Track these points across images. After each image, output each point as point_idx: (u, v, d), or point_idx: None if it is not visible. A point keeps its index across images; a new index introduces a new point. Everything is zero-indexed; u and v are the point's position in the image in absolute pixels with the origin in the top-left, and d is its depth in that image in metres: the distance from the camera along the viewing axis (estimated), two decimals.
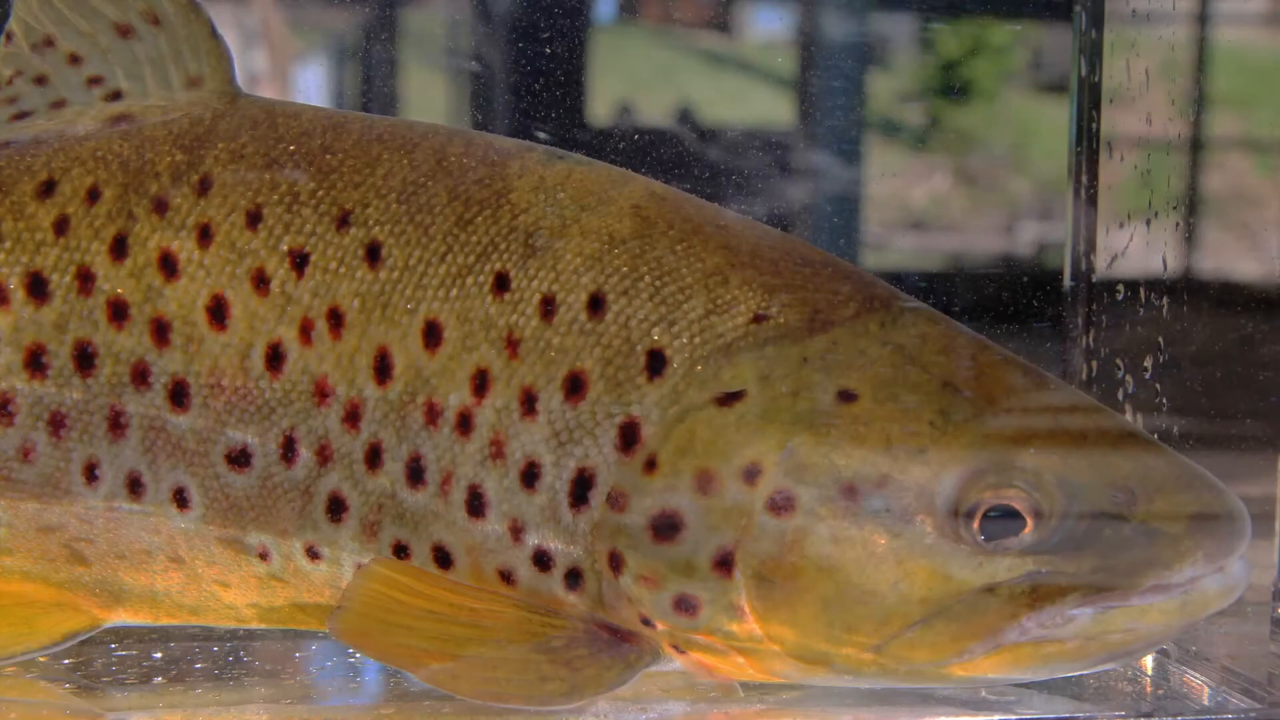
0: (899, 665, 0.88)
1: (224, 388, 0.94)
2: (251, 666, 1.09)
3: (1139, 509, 0.86)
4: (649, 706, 0.96)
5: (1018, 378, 0.91)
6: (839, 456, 0.87)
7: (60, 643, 1.01)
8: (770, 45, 1.45)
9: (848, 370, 0.89)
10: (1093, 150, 1.31)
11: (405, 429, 0.93)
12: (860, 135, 1.43)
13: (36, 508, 0.97)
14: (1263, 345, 1.15)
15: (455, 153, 0.98)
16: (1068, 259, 1.34)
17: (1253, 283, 1.20)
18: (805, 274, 0.93)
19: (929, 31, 1.41)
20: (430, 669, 0.90)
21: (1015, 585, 0.85)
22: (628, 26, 1.42)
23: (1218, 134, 1.26)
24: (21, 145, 1.01)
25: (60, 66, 1.01)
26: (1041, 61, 1.46)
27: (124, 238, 0.96)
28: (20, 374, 0.96)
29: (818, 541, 0.86)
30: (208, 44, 1.01)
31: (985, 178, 1.46)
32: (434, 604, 0.91)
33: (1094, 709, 1.02)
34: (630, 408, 0.90)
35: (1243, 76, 1.24)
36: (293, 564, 0.96)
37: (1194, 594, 0.86)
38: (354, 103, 1.37)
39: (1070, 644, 0.86)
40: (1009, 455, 0.87)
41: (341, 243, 0.95)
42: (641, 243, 0.94)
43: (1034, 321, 1.37)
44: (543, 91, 1.33)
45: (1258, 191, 1.25)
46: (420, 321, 0.93)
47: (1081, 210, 1.32)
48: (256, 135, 0.99)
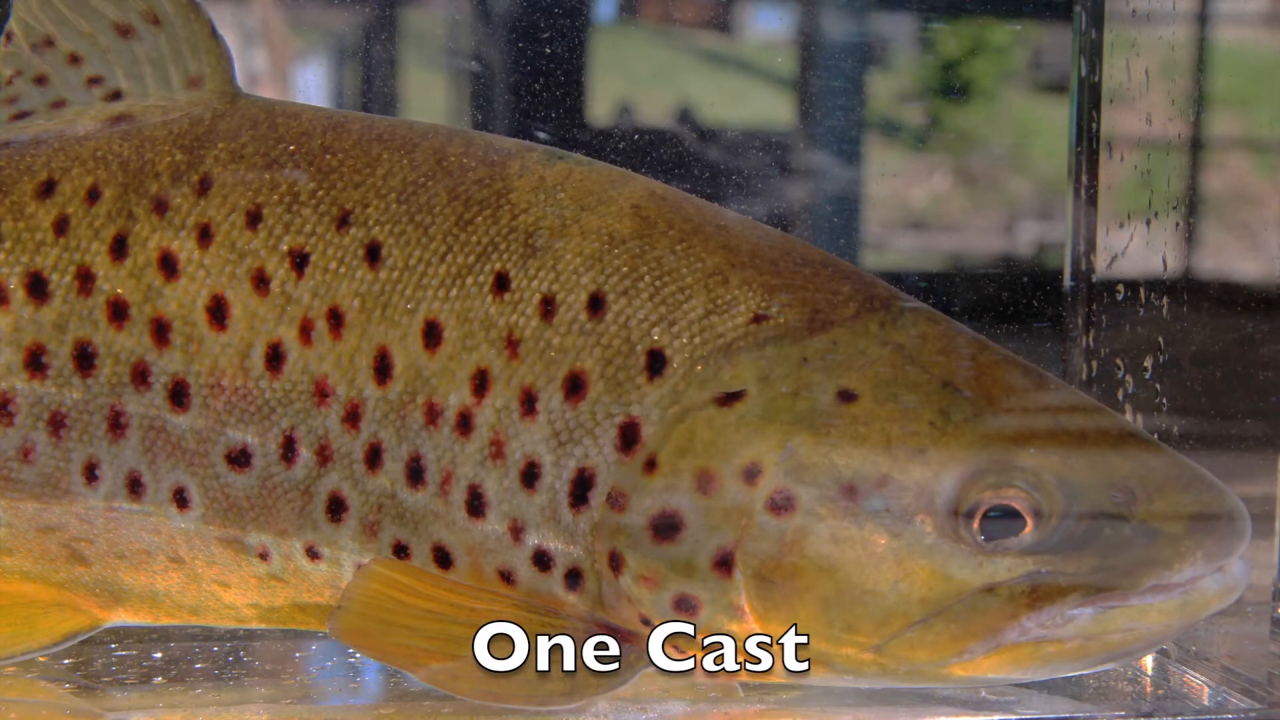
0: (899, 665, 0.88)
1: (224, 388, 0.94)
2: (251, 666, 1.09)
3: (1139, 509, 0.86)
4: (649, 706, 0.96)
5: (1018, 378, 0.91)
6: (839, 456, 0.87)
7: (60, 643, 1.01)
8: (770, 45, 1.45)
9: (848, 370, 0.89)
10: (1093, 150, 1.31)
11: (405, 429, 0.93)
12: (860, 135, 1.43)
13: (36, 508, 0.97)
14: (1263, 345, 1.15)
15: (455, 153, 0.98)
16: (1068, 259, 1.34)
17: (1253, 283, 1.20)
18: (805, 274, 0.93)
19: (929, 31, 1.41)
20: (430, 669, 0.90)
21: (1015, 585, 0.85)
22: (628, 26, 1.42)
23: (1218, 134, 1.26)
24: (21, 145, 1.01)
25: (60, 66, 1.01)
26: (1041, 61, 1.46)
27: (124, 238, 0.96)
28: (20, 374, 0.96)
29: (818, 541, 0.86)
30: (208, 44, 1.01)
31: (985, 178, 1.46)
32: (434, 604, 0.91)
33: (1094, 709, 1.02)
34: (630, 408, 0.90)
35: (1243, 76, 1.24)
36: (293, 564, 0.96)
37: (1194, 594, 0.86)
38: (354, 103, 1.37)
39: (1070, 644, 0.86)
40: (1009, 455, 0.87)
41: (341, 243, 0.95)
42: (641, 243, 0.94)
43: (1034, 321, 1.37)
44: (543, 91, 1.33)
45: (1258, 191, 1.25)
46: (420, 321, 0.93)
47: (1081, 210, 1.32)
48: (256, 135, 0.99)
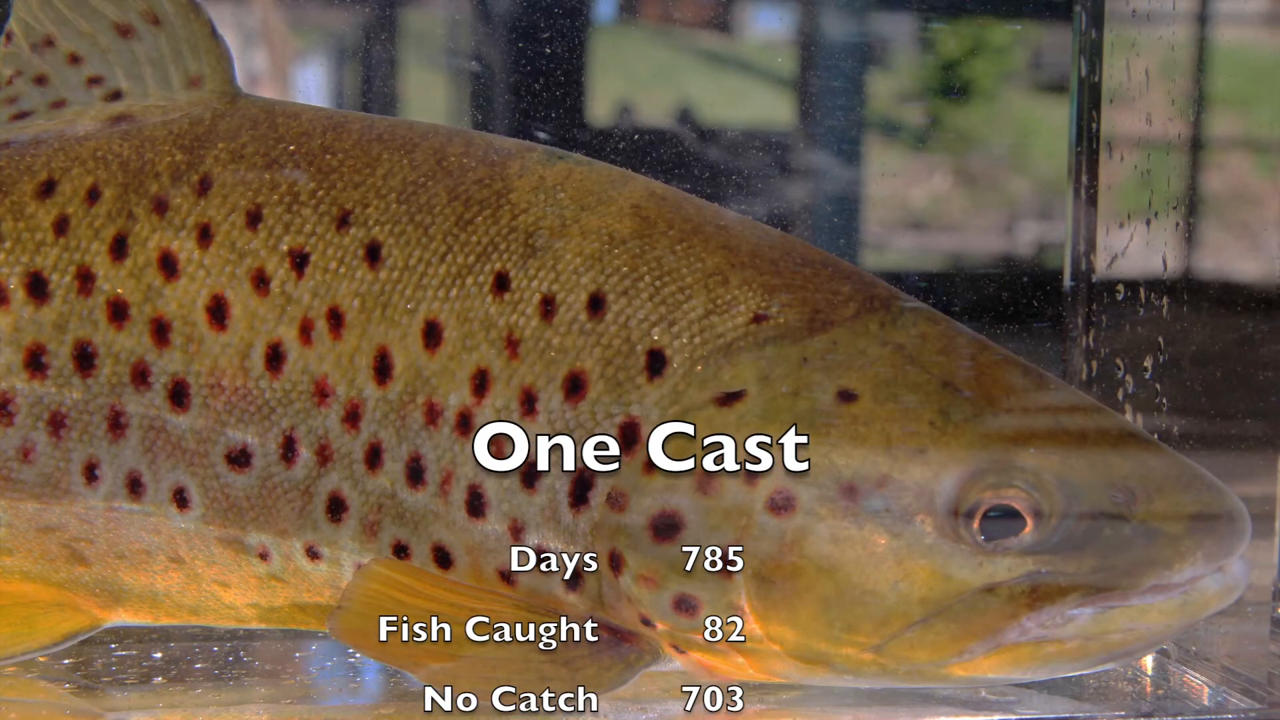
0: (899, 665, 0.88)
1: (224, 388, 0.94)
2: (251, 666, 1.09)
3: (1139, 509, 0.86)
4: (649, 706, 0.96)
5: (1018, 378, 0.91)
6: (839, 456, 0.87)
7: (60, 643, 1.01)
8: (770, 45, 1.45)
9: (848, 370, 0.89)
10: (1093, 150, 1.31)
11: (405, 429, 0.93)
12: (860, 135, 1.43)
13: (36, 508, 0.97)
14: (1263, 345, 1.15)
15: (455, 153, 0.98)
16: (1068, 259, 1.34)
17: (1253, 283, 1.20)
18: (805, 274, 0.93)
19: (929, 31, 1.41)
20: (430, 669, 0.90)
21: (1015, 585, 0.85)
22: (628, 26, 1.42)
23: (1218, 134, 1.26)
24: (21, 145, 1.01)
25: (60, 66, 1.01)
26: (1041, 61, 1.46)
27: (124, 238, 0.96)
28: (20, 374, 0.96)
29: (818, 541, 0.86)
30: (208, 44, 1.01)
31: (985, 178, 1.46)
32: (434, 604, 0.91)
33: (1094, 709, 1.02)
34: (630, 408, 0.90)
35: (1243, 76, 1.24)
36: (293, 564, 0.96)
37: (1194, 594, 0.86)
38: (354, 103, 1.37)
39: (1070, 644, 0.86)
40: (1009, 455, 0.87)
41: (341, 243, 0.95)
42: (641, 243, 0.94)
43: (1034, 321, 1.37)
44: (543, 91, 1.33)
45: (1258, 191, 1.25)
46: (420, 321, 0.93)
47: (1081, 210, 1.32)
48: (256, 135, 0.99)
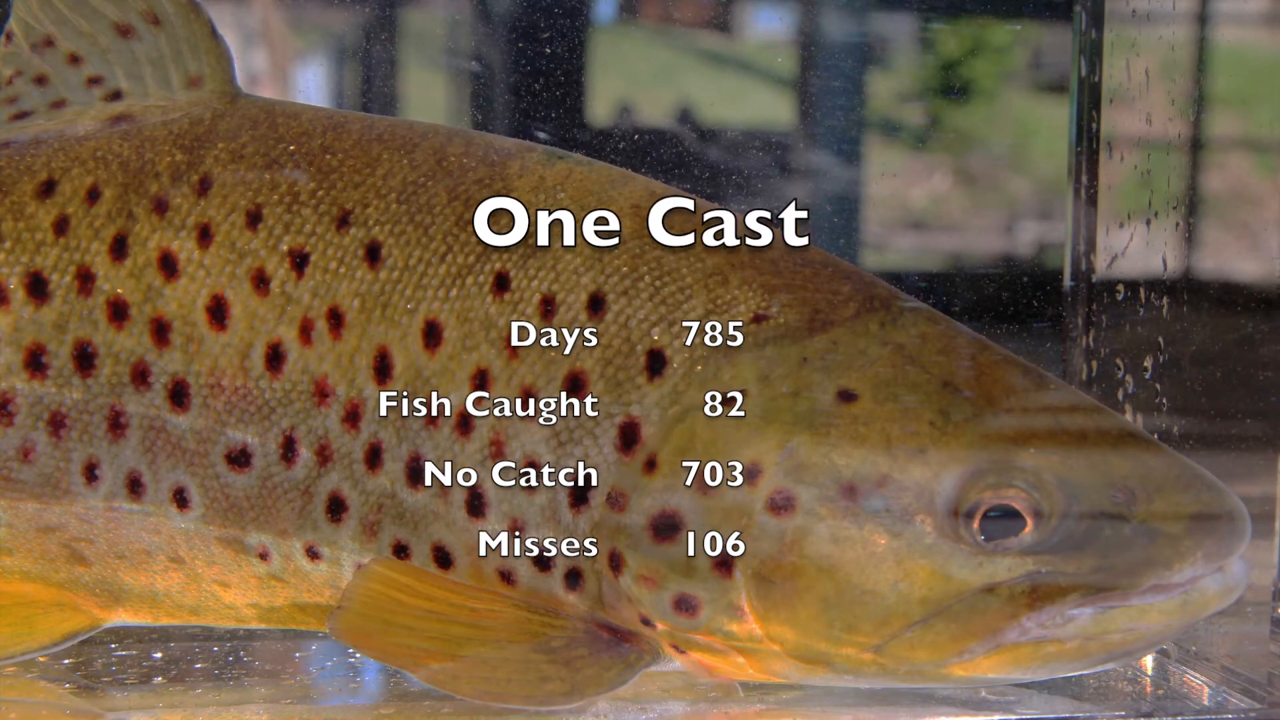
0: (899, 665, 0.88)
1: (224, 388, 0.94)
2: (251, 666, 1.09)
3: (1139, 509, 0.86)
4: (649, 706, 0.96)
5: (1018, 378, 0.91)
6: (839, 456, 0.87)
7: (60, 643, 1.01)
8: (770, 45, 1.45)
9: (848, 370, 0.89)
10: (1093, 150, 1.31)
11: (405, 429, 0.93)
12: (860, 135, 1.42)
13: (36, 508, 0.97)
14: (1263, 345, 1.15)
15: (455, 153, 0.98)
16: (1068, 259, 1.34)
17: (1253, 283, 1.20)
18: (805, 274, 0.93)
19: (929, 31, 1.41)
20: (430, 669, 0.90)
21: (1015, 585, 0.85)
22: (628, 26, 1.42)
23: (1218, 134, 1.26)
24: (21, 145, 1.01)
25: (60, 66, 1.01)
26: (1041, 61, 1.46)
27: (124, 238, 0.96)
28: (20, 374, 0.96)
29: (818, 541, 0.86)
30: (208, 44, 1.01)
31: (985, 178, 1.46)
32: (434, 604, 0.91)
33: (1094, 709, 1.02)
34: (630, 408, 0.90)
35: (1243, 76, 1.24)
36: (293, 564, 0.96)
37: (1194, 594, 0.86)
38: (354, 103, 1.37)
39: (1070, 644, 0.86)
40: (1009, 455, 0.87)
41: (341, 243, 0.95)
42: (641, 243, 0.94)
43: (1034, 321, 1.37)
44: (543, 91, 1.33)
45: (1258, 191, 1.25)
46: (420, 321, 0.93)
47: (1081, 210, 1.32)
48: (256, 135, 0.99)
